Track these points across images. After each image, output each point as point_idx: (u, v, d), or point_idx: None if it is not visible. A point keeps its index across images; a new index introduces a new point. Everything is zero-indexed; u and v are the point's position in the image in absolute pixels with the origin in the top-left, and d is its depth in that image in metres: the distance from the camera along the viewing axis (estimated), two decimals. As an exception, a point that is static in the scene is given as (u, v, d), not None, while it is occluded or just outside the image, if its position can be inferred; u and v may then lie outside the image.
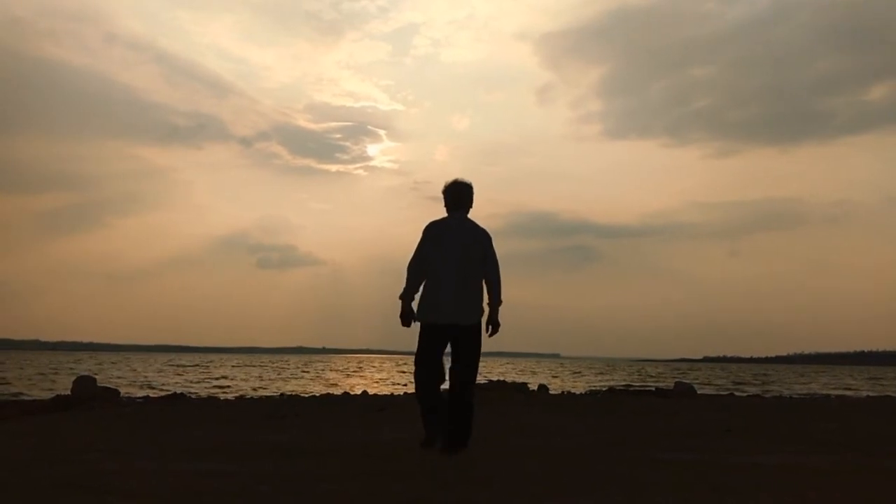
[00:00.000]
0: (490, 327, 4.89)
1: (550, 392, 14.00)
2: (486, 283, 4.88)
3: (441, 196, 4.95)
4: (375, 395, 12.89)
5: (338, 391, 15.22)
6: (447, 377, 4.85)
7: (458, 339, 4.75)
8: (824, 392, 21.67)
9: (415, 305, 4.84)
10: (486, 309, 4.87)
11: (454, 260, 4.78)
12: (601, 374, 42.22)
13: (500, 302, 4.86)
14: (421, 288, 4.86)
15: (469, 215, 4.91)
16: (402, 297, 4.83)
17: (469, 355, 4.77)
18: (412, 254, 4.88)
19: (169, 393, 13.47)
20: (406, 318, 4.83)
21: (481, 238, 4.90)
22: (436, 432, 4.78)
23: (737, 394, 16.36)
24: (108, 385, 12.91)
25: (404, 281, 4.85)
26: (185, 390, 15.76)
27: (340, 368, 44.77)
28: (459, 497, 3.01)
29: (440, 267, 4.78)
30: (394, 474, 3.57)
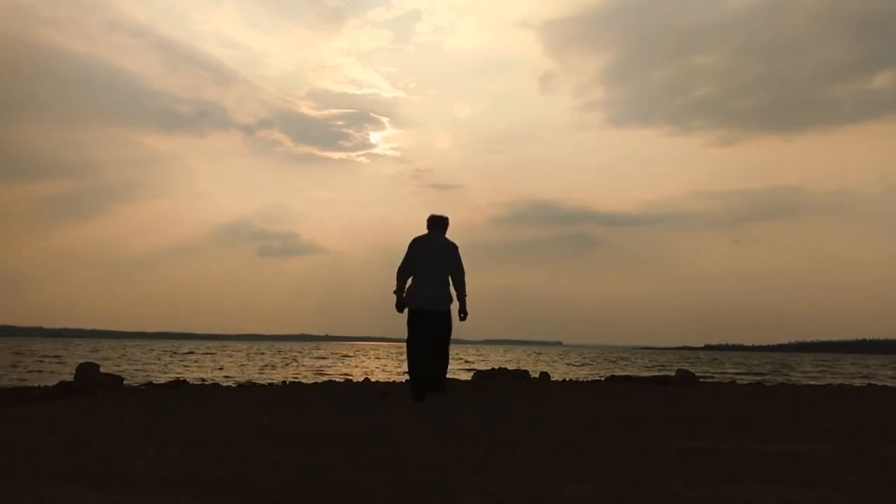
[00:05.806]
0: (461, 315, 6.76)
1: (552, 379, 14.04)
2: (453, 282, 6.73)
3: (426, 222, 6.86)
4: (377, 381, 12.93)
5: (340, 378, 15.28)
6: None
7: (435, 321, 6.62)
8: (825, 380, 21.71)
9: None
10: (457, 302, 6.73)
11: (430, 264, 6.62)
12: (603, 361, 42.30)
13: (465, 294, 6.71)
14: (408, 284, 6.75)
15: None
16: (394, 292, 6.76)
17: (442, 333, 6.68)
18: (401, 259, 6.71)
19: (172, 380, 13.51)
20: (399, 307, 6.75)
21: (450, 249, 6.72)
22: (421, 390, 6.55)
23: (738, 382, 16.38)
24: (112, 372, 12.94)
25: (394, 281, 6.76)
26: (187, 377, 15.83)
27: (343, 355, 44.88)
28: (460, 482, 3.02)
29: (421, 269, 6.64)
30: (394, 461, 3.58)
